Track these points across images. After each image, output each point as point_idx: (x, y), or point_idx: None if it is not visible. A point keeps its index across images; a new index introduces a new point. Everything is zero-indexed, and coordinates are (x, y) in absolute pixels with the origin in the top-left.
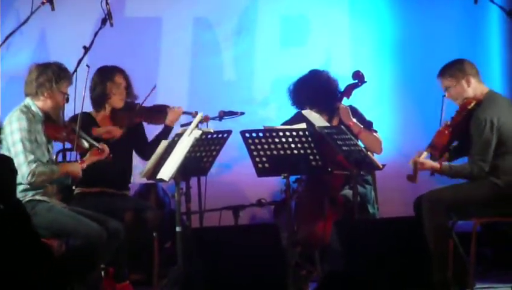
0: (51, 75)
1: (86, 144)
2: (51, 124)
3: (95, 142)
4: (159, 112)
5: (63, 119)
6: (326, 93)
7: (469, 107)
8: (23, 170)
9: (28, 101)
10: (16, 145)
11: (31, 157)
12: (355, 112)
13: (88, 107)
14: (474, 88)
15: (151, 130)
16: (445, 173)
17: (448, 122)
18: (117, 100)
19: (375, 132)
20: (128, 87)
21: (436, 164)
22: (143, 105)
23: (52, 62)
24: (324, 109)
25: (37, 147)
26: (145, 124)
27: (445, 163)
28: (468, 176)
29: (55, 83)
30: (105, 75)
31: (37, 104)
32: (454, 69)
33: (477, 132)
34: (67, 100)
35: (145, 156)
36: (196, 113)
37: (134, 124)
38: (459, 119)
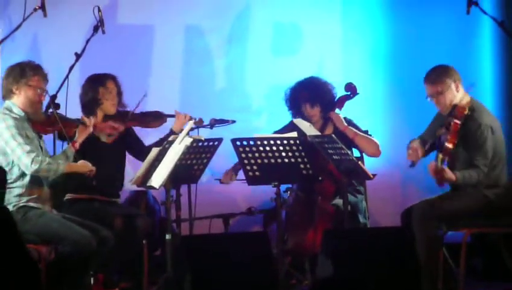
0: (18, 71)
1: (73, 124)
2: (36, 122)
3: (78, 120)
4: (152, 116)
5: (45, 113)
6: (324, 90)
7: (465, 113)
8: (24, 160)
9: (7, 103)
10: (9, 143)
11: (28, 147)
12: (349, 123)
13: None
14: (460, 94)
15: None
16: (459, 183)
17: (450, 129)
18: (109, 106)
19: (371, 136)
20: (119, 94)
21: (453, 175)
22: (135, 112)
23: (23, 61)
24: (322, 105)
25: (30, 142)
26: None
27: (457, 173)
28: (475, 182)
29: (20, 76)
30: (97, 81)
31: (15, 104)
32: (444, 74)
33: (480, 139)
34: (45, 96)
35: (144, 159)
36: (201, 119)
37: (126, 129)
38: (459, 125)
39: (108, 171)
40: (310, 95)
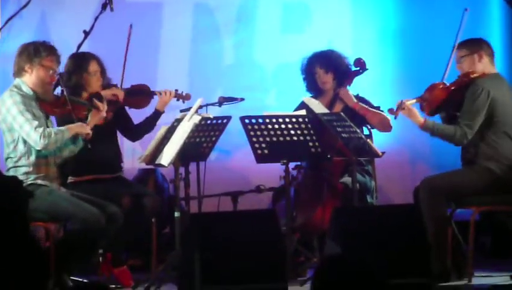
0: (31, 50)
1: (83, 107)
2: (44, 102)
3: (89, 103)
4: (141, 95)
5: (55, 94)
6: (339, 60)
7: (472, 76)
8: (33, 136)
9: (16, 81)
10: (17, 119)
11: (36, 123)
12: (362, 100)
13: None
14: (484, 66)
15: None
16: (427, 129)
17: (446, 83)
18: (94, 87)
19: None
20: (103, 72)
21: (420, 118)
22: (123, 88)
23: (38, 41)
24: (336, 73)
25: (37, 119)
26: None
27: (429, 120)
28: (449, 138)
29: (34, 56)
30: (80, 65)
31: (25, 82)
32: (472, 42)
33: (471, 98)
34: (56, 77)
35: (133, 138)
36: (187, 95)
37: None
38: (459, 83)
39: (105, 149)
40: (324, 61)
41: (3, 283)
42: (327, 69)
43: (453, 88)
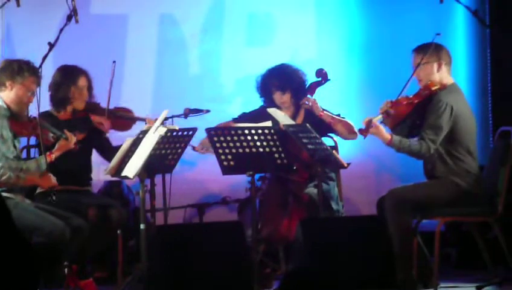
0: (15, 67)
1: (52, 135)
2: (16, 121)
3: (61, 133)
4: (125, 120)
5: (28, 116)
6: (294, 76)
7: (432, 88)
8: None
9: None
10: None
11: None
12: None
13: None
14: (441, 75)
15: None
16: (393, 146)
17: (409, 97)
18: (79, 102)
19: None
20: (90, 88)
21: (387, 135)
22: (109, 108)
23: (23, 59)
24: (293, 91)
25: (3, 142)
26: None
27: (395, 136)
28: (414, 153)
29: (17, 74)
30: (69, 78)
31: (2, 97)
32: (431, 50)
33: (436, 113)
34: (33, 99)
35: (109, 158)
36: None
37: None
38: (421, 98)
39: (77, 161)
40: (280, 81)
41: None
42: (283, 90)
43: (416, 102)
